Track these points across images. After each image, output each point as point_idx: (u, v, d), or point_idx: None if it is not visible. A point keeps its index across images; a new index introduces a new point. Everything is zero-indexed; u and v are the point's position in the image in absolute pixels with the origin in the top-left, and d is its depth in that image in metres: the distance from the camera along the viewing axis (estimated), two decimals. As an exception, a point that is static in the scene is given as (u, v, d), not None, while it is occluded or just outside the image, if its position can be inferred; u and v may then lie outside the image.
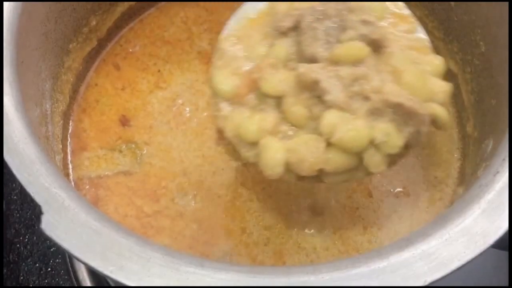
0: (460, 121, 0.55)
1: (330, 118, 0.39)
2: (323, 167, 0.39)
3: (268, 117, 0.40)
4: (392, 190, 0.53)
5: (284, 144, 0.40)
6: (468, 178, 0.49)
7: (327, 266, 0.34)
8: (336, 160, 0.39)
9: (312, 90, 0.39)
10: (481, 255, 0.35)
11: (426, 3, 0.56)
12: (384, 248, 0.35)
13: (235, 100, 0.41)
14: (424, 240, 0.35)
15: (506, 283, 0.57)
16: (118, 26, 0.59)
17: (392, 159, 0.41)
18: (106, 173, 0.53)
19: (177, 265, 0.34)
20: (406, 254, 0.34)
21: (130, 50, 0.59)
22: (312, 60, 0.40)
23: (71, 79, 0.55)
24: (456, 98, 0.56)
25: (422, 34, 0.45)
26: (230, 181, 0.53)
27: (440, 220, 0.36)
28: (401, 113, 0.39)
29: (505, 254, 0.52)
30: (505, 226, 0.35)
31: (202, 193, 0.52)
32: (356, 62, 0.40)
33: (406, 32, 0.44)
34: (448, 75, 0.56)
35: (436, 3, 0.55)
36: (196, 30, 0.60)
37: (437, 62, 0.43)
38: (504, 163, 0.39)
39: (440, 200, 0.52)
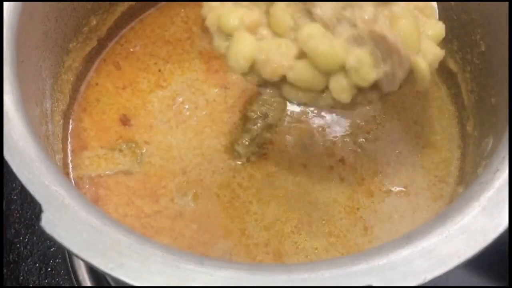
0: (460, 120, 0.55)
1: (311, 29, 0.39)
2: (287, 74, 0.39)
3: (252, 14, 0.40)
4: (392, 189, 0.53)
5: (257, 42, 0.40)
6: (468, 177, 0.49)
7: (327, 264, 0.34)
8: (301, 71, 0.39)
9: (305, 3, 0.39)
10: (481, 252, 0.35)
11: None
12: (384, 245, 0.35)
13: None
14: (424, 237, 0.35)
15: (506, 283, 0.57)
16: (118, 26, 0.59)
17: (358, 98, 0.40)
18: (106, 172, 0.53)
19: (177, 262, 0.34)
20: (406, 251, 0.34)
21: (131, 49, 0.59)
22: None
23: (71, 79, 0.55)
24: (456, 97, 0.56)
25: (434, 4, 0.45)
26: (230, 181, 0.53)
27: (440, 217, 0.36)
28: (382, 49, 0.38)
29: (505, 254, 0.52)
30: (504, 224, 0.35)
31: (201, 193, 0.52)
32: None
33: None
34: (448, 75, 0.56)
35: (436, 3, 0.55)
36: (196, 29, 0.60)
37: (438, 27, 0.43)
38: (504, 161, 0.39)
39: (441, 199, 0.52)
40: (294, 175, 0.53)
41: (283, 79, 0.40)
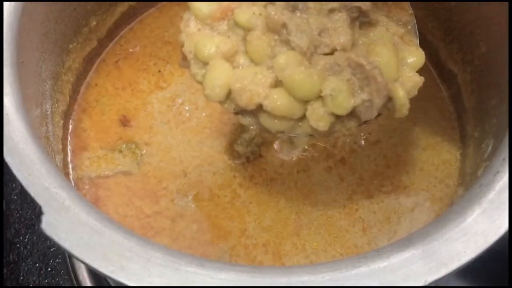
0: (461, 122, 0.55)
1: (288, 56, 0.38)
2: (263, 103, 0.39)
3: (229, 42, 0.40)
4: (392, 190, 0.53)
5: (233, 70, 0.40)
6: (469, 178, 0.49)
7: (327, 266, 0.34)
8: (277, 100, 0.39)
9: (280, 35, 0.39)
10: (481, 255, 0.35)
11: (427, 3, 0.56)
12: (384, 248, 0.35)
13: (207, 21, 0.41)
14: (424, 239, 0.35)
15: (506, 283, 0.57)
16: (118, 26, 0.59)
17: (336, 125, 0.40)
18: (106, 173, 0.53)
19: (178, 265, 0.34)
20: (406, 254, 0.34)
21: (130, 50, 0.59)
22: (294, 6, 0.40)
23: (71, 79, 0.55)
24: (456, 98, 0.56)
25: (414, 29, 0.44)
26: (230, 182, 0.53)
27: (440, 220, 0.36)
28: (359, 76, 0.38)
29: (505, 254, 0.52)
30: (505, 226, 0.35)
31: (202, 194, 0.52)
32: (328, 13, 0.39)
33: (399, 21, 0.43)
34: (448, 76, 0.56)
35: (436, 4, 0.55)
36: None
37: (418, 54, 0.42)
38: (504, 163, 0.39)
39: (441, 200, 0.52)
40: (293, 175, 0.53)
41: (260, 108, 0.40)
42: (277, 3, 0.40)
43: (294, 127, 0.41)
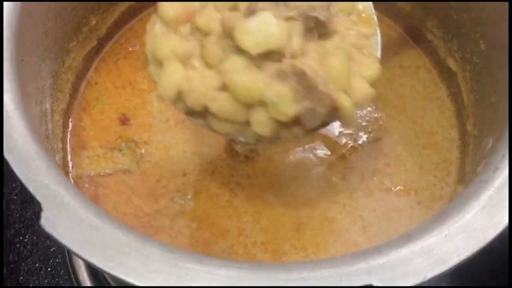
0: (460, 119, 0.55)
1: (236, 61, 0.39)
2: (209, 105, 0.40)
3: (185, 44, 0.41)
4: (392, 188, 0.53)
5: (184, 71, 0.40)
6: (468, 176, 0.49)
7: (326, 263, 0.34)
8: (222, 103, 0.39)
9: (233, 40, 0.39)
10: (480, 251, 0.35)
11: (426, 2, 0.56)
12: (384, 244, 0.35)
13: (171, 24, 0.42)
14: (424, 236, 0.35)
15: (506, 283, 0.57)
16: (118, 25, 0.59)
17: (283, 132, 0.40)
18: (106, 171, 0.53)
19: (177, 261, 0.34)
20: (406, 250, 0.34)
21: (130, 49, 0.59)
22: (250, 10, 0.40)
23: (71, 78, 0.55)
24: (455, 96, 0.56)
25: (376, 43, 0.44)
26: (229, 180, 0.53)
27: (439, 216, 0.36)
28: (303, 84, 0.38)
29: (505, 254, 0.52)
30: (504, 222, 0.35)
31: (201, 192, 0.52)
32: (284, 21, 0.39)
33: (361, 33, 0.43)
34: (448, 74, 0.56)
35: (435, 2, 0.55)
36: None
37: (374, 68, 0.42)
38: (504, 160, 0.39)
39: (440, 199, 0.52)
40: (292, 173, 0.53)
41: (208, 110, 0.40)
42: (237, 7, 0.40)
43: (241, 131, 0.41)
